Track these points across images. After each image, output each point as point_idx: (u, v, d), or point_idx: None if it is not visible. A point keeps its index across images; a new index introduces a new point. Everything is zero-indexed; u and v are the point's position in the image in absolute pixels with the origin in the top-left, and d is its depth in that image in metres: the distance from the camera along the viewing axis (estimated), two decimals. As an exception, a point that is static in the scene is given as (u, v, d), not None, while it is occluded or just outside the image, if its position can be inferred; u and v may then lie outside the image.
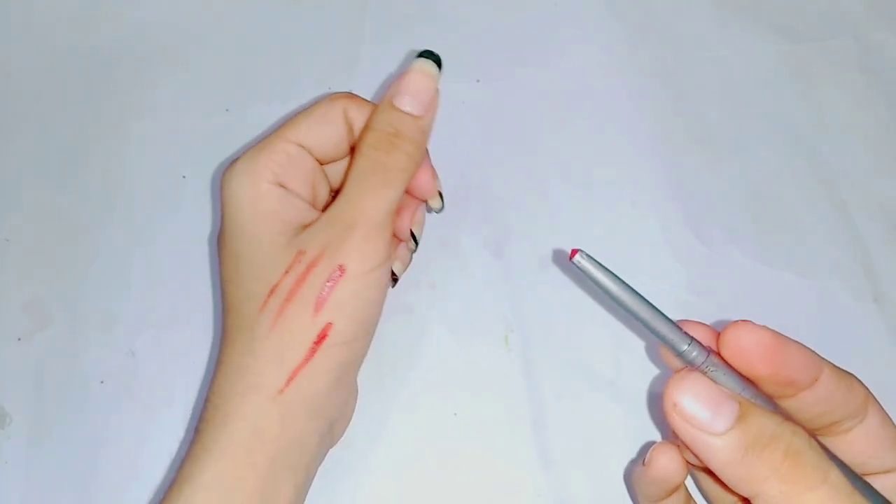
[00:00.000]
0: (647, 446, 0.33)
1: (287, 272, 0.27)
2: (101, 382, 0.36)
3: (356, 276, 0.26)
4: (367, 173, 0.28)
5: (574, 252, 0.23)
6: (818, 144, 0.41)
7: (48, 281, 0.38)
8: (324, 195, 0.31)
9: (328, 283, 0.26)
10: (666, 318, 0.24)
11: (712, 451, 0.21)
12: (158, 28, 0.45)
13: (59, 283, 0.38)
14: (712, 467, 0.22)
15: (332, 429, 0.29)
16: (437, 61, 0.29)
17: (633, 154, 0.41)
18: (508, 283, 0.38)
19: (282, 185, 0.28)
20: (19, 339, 0.37)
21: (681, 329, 0.24)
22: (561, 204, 0.40)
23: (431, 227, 0.39)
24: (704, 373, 0.23)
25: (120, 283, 0.38)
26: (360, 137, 0.29)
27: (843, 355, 0.36)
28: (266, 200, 0.28)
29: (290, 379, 0.26)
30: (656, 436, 0.34)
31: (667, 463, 0.25)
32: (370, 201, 0.27)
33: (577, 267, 0.23)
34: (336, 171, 0.32)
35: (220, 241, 0.29)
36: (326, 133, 0.30)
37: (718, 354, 0.24)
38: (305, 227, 0.28)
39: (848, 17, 0.45)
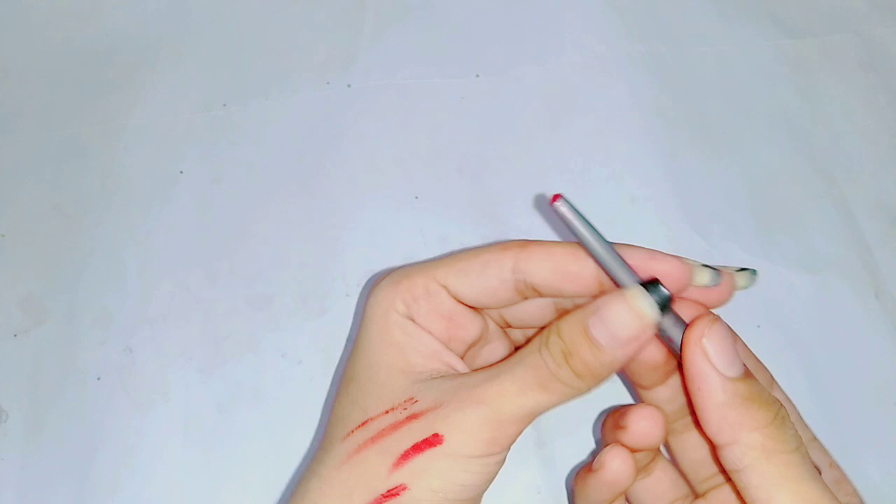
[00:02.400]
0: (595, 452, 0.33)
1: (388, 412, 0.25)
2: (98, 379, 0.36)
3: (451, 454, 0.23)
4: (529, 367, 0.24)
5: (556, 197, 0.23)
6: (818, 140, 0.41)
7: (44, 277, 0.38)
8: (467, 337, 0.28)
9: (418, 446, 0.24)
10: (629, 270, 0.24)
11: (717, 389, 0.23)
12: (155, 22, 0.45)
13: (56, 278, 0.38)
14: (707, 405, 0.23)
15: None
16: (665, 304, 0.23)
17: (633, 149, 0.41)
18: (507, 279, 0.37)
19: (415, 322, 0.26)
20: (15, 336, 0.37)
21: (640, 279, 0.24)
22: (560, 199, 0.39)
23: (430, 224, 0.39)
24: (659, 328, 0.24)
25: (116, 279, 0.38)
26: (547, 330, 0.25)
27: (845, 351, 0.36)
28: (395, 332, 0.26)
29: None
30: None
31: (620, 466, 0.26)
32: (514, 391, 0.24)
33: (557, 213, 0.23)
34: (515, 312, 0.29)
35: (351, 352, 0.28)
36: (478, 284, 0.26)
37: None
38: (437, 377, 0.26)
39: (849, 13, 0.45)
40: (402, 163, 0.41)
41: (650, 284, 0.23)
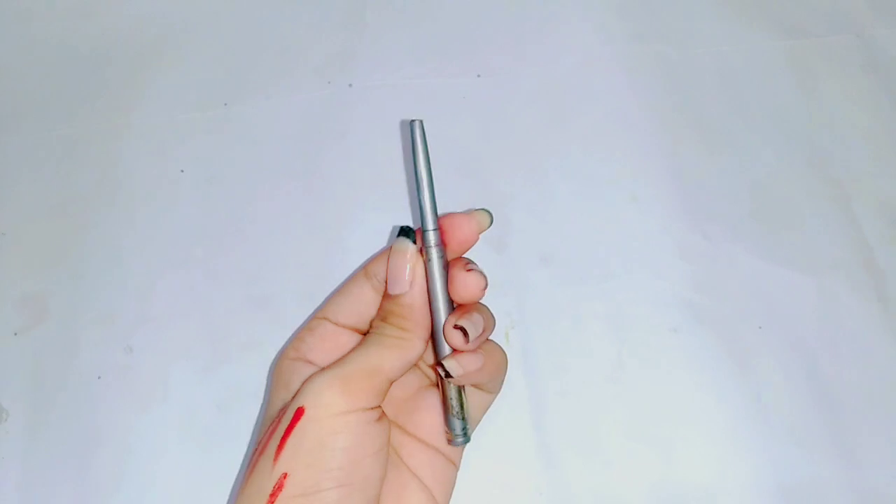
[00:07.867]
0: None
1: (269, 427, 0.27)
2: (98, 377, 0.36)
3: (314, 419, 0.25)
4: (363, 341, 0.29)
5: (415, 121, 0.28)
6: (820, 141, 0.41)
7: (45, 275, 0.38)
8: None
9: (288, 428, 0.26)
10: (434, 203, 0.29)
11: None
12: (155, 21, 0.45)
13: (57, 277, 0.38)
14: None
15: None
16: (409, 234, 0.30)
17: (635, 149, 0.41)
18: (510, 279, 0.37)
19: (307, 360, 0.30)
20: (16, 334, 0.37)
21: (436, 215, 0.29)
22: (562, 199, 0.39)
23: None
24: (426, 255, 0.29)
25: (117, 278, 0.38)
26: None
27: (846, 352, 0.36)
28: (285, 373, 0.30)
29: None
30: (655, 433, 0.34)
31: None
32: (351, 355, 0.28)
33: (411, 131, 0.28)
34: None
35: None
36: (347, 302, 0.31)
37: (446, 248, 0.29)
38: None
39: (850, 14, 0.45)
40: (403, 162, 0.41)
41: (402, 228, 0.30)
